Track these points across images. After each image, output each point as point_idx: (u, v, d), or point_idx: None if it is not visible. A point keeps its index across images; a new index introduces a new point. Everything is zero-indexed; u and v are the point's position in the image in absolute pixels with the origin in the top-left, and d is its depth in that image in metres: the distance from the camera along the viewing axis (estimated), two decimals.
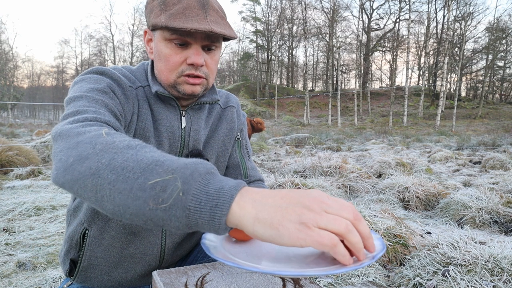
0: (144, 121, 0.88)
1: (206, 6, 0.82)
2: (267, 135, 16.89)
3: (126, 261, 0.93)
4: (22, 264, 2.17)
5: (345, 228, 0.47)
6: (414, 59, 41.30)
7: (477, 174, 5.90)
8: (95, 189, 0.53)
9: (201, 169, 0.51)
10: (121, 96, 0.83)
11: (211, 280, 0.68)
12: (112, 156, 0.55)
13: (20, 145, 6.41)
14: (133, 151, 0.55)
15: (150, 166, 0.52)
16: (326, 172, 5.02)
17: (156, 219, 0.51)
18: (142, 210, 0.50)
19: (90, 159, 0.55)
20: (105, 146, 0.57)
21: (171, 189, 0.49)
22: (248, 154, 1.12)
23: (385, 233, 2.30)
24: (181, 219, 0.49)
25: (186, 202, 0.48)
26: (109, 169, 0.53)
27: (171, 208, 0.49)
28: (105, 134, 0.60)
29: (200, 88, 0.89)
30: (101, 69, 0.86)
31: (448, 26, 30.72)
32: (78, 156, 0.57)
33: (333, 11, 35.71)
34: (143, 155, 0.54)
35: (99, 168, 0.54)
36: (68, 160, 0.57)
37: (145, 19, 0.90)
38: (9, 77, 43.64)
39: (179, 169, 0.51)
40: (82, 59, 56.45)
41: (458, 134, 18.22)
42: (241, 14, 49.17)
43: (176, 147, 0.93)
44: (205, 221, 0.49)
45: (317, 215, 0.47)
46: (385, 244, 0.58)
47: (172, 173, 0.50)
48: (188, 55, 0.84)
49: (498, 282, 1.60)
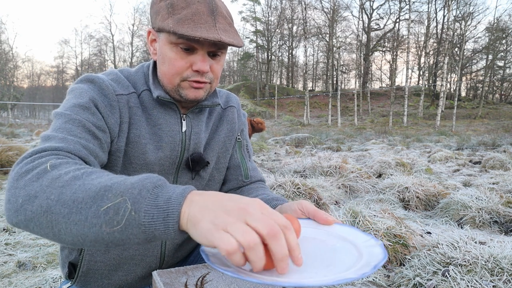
0: (138, 129, 0.87)
1: (215, 12, 0.80)
2: (267, 135, 16.89)
3: (126, 264, 0.92)
4: (22, 264, 2.17)
5: (248, 243, 0.47)
6: (414, 59, 41.33)
7: (477, 174, 5.90)
8: (51, 225, 0.55)
9: (148, 185, 0.54)
10: (105, 108, 0.81)
11: (211, 280, 0.68)
12: (60, 191, 0.56)
13: (20, 145, 6.41)
14: (80, 182, 0.57)
15: (99, 193, 0.54)
16: (326, 172, 5.02)
17: (116, 241, 0.54)
18: (100, 235, 0.53)
19: (39, 197, 0.56)
20: (51, 182, 0.58)
21: (123, 211, 0.52)
22: (248, 155, 1.11)
23: (385, 233, 2.30)
24: (139, 236, 0.53)
25: (140, 219, 0.52)
26: (60, 204, 0.55)
27: (127, 228, 0.52)
28: (50, 167, 0.61)
29: (203, 93, 0.88)
30: (91, 78, 0.84)
31: (448, 26, 30.72)
32: (26, 196, 0.57)
33: (333, 11, 35.71)
34: (90, 183, 0.56)
35: (50, 204, 0.55)
36: (18, 200, 0.58)
37: (150, 19, 0.88)
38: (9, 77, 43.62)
39: (126, 190, 0.53)
40: (82, 59, 56.38)
41: (458, 134, 18.22)
42: (241, 14, 49.08)
43: (177, 151, 0.92)
44: (161, 232, 0.52)
45: (230, 220, 0.49)
46: (386, 253, 0.57)
47: (121, 196, 0.53)
48: (194, 61, 0.82)
49: (498, 282, 1.60)
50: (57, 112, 0.78)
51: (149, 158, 0.88)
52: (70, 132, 0.73)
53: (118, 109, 0.84)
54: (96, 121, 0.79)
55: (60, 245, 0.96)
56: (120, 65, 50.08)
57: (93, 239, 0.54)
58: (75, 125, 0.75)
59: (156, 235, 0.53)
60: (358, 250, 0.62)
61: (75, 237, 0.55)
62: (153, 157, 0.88)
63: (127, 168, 0.87)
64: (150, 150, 0.88)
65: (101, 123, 0.80)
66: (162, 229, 0.52)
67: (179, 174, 0.95)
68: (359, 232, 0.69)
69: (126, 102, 0.86)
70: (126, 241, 0.54)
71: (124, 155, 0.86)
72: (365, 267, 0.52)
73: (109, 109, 0.82)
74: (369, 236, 0.66)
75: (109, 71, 0.90)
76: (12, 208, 0.59)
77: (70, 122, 0.75)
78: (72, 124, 0.75)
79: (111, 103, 0.83)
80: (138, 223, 0.52)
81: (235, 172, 1.07)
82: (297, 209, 0.77)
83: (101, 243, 0.55)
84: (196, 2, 0.79)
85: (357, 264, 0.55)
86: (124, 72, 0.92)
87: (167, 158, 0.91)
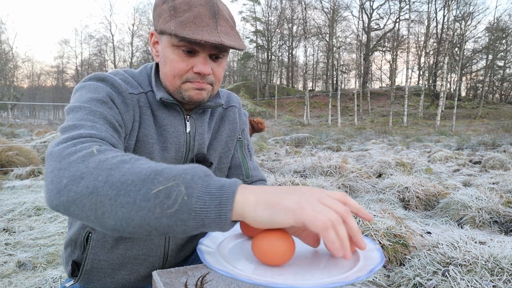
0: (147, 128, 0.87)
1: (217, 15, 0.80)
2: (267, 135, 16.88)
3: (130, 263, 0.93)
4: (22, 264, 2.17)
5: (336, 219, 0.50)
6: (414, 59, 41.31)
7: (477, 174, 5.90)
8: (95, 207, 0.54)
9: (199, 172, 0.54)
10: (121, 104, 0.82)
11: (211, 280, 0.68)
12: (109, 173, 0.55)
13: (20, 145, 6.41)
14: (128, 165, 0.56)
15: (150, 177, 0.53)
16: (326, 172, 5.02)
17: (161, 227, 0.52)
18: (147, 220, 0.52)
19: (85, 179, 0.55)
20: (98, 164, 0.57)
21: (176, 195, 0.51)
22: (250, 154, 1.11)
23: (385, 233, 2.30)
24: (188, 222, 0.51)
25: (192, 205, 0.51)
26: (108, 186, 0.54)
27: (177, 213, 0.51)
28: (96, 151, 0.60)
29: (206, 95, 0.88)
30: (102, 76, 0.84)
31: (448, 26, 30.72)
32: (71, 176, 0.56)
33: (333, 11, 35.70)
34: (139, 167, 0.55)
35: (97, 186, 0.54)
36: (62, 181, 0.56)
37: (153, 21, 0.88)
38: (9, 77, 43.62)
39: (179, 175, 0.53)
40: (82, 59, 56.34)
41: (458, 134, 18.22)
42: (241, 14, 49.12)
43: (182, 152, 0.92)
44: (212, 220, 0.51)
45: (312, 200, 0.52)
46: (384, 257, 0.58)
47: (173, 180, 0.52)
48: (195, 64, 0.83)
49: (498, 282, 1.60)
50: (74, 105, 0.76)
51: (155, 158, 0.88)
52: (95, 122, 0.72)
53: (131, 107, 0.85)
54: (115, 115, 0.79)
55: (64, 243, 0.96)
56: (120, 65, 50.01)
57: (137, 224, 0.53)
58: (97, 117, 0.74)
59: (205, 223, 0.52)
60: (355, 253, 0.61)
61: (119, 221, 0.53)
62: (159, 158, 0.88)
63: None
64: (157, 150, 0.88)
65: (119, 118, 0.80)
66: (213, 217, 0.51)
67: None
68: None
69: (137, 101, 0.87)
70: (172, 228, 0.52)
71: (133, 153, 0.86)
72: (362, 271, 0.52)
73: (124, 106, 0.83)
74: (367, 239, 0.66)
75: (115, 71, 0.90)
76: (54, 189, 0.57)
77: (91, 114, 0.74)
78: (94, 116, 0.74)
79: (125, 101, 0.83)
80: (189, 208, 0.51)
81: (236, 172, 1.07)
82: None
83: (145, 229, 0.53)
84: (198, 5, 0.80)
85: (353, 268, 0.55)
86: (128, 72, 0.92)
87: (172, 159, 0.91)
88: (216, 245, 0.64)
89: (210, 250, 0.61)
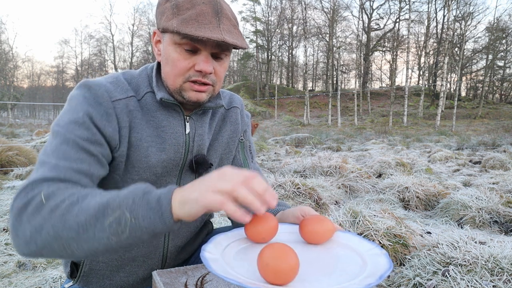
0: (140, 132, 0.86)
1: (220, 13, 0.80)
2: (267, 135, 16.87)
3: (128, 265, 0.92)
4: (22, 264, 2.17)
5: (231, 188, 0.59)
6: (414, 59, 41.29)
7: (477, 174, 5.90)
8: (63, 248, 0.63)
9: (138, 193, 0.63)
10: (101, 119, 0.80)
11: (211, 280, 0.68)
12: (63, 218, 0.63)
13: (20, 145, 6.41)
14: (77, 206, 0.64)
15: (99, 212, 0.62)
16: (326, 172, 5.02)
17: (125, 246, 0.64)
18: (110, 245, 0.63)
19: (45, 228, 0.63)
20: (50, 213, 0.64)
21: (124, 221, 0.61)
22: (251, 156, 1.10)
23: (385, 233, 2.30)
24: (143, 236, 0.62)
25: (139, 224, 0.61)
26: (67, 229, 0.62)
27: (131, 234, 0.62)
28: (44, 199, 0.66)
29: (206, 96, 0.87)
30: (88, 84, 0.83)
31: (448, 26, 30.69)
32: (33, 228, 0.64)
33: (333, 11, 35.69)
34: (87, 205, 0.64)
35: (57, 231, 0.63)
36: (26, 233, 0.65)
37: (156, 20, 0.87)
38: (9, 77, 43.63)
39: (122, 203, 0.62)
40: (82, 59, 56.31)
41: (458, 134, 18.21)
42: (241, 14, 49.08)
43: (181, 153, 0.91)
44: (160, 228, 0.62)
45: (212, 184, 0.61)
46: (392, 263, 0.57)
47: (118, 208, 0.62)
48: (197, 62, 0.82)
49: (498, 282, 1.60)
50: (54, 129, 0.79)
51: (151, 160, 0.87)
52: (64, 156, 0.75)
53: (115, 116, 0.82)
54: (91, 136, 0.78)
55: None
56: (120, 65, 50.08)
57: (104, 250, 0.63)
58: (69, 146, 0.75)
59: (156, 232, 0.62)
60: (362, 258, 0.61)
61: (88, 251, 0.63)
62: (156, 160, 0.87)
63: (129, 172, 0.86)
64: (153, 153, 0.87)
65: (97, 137, 0.79)
66: (161, 226, 0.61)
67: (183, 176, 0.95)
68: (363, 240, 0.68)
69: (125, 106, 0.85)
70: (134, 244, 0.63)
71: (127, 159, 0.85)
72: (370, 277, 0.52)
73: (105, 118, 0.81)
74: (373, 244, 0.65)
75: (110, 75, 0.89)
76: (22, 241, 0.65)
77: (65, 143, 0.76)
78: (66, 145, 0.76)
79: (107, 111, 0.81)
80: (140, 227, 0.61)
81: None
82: (300, 215, 0.80)
83: (112, 250, 0.64)
84: (201, 3, 0.79)
85: (361, 274, 0.55)
86: (126, 74, 0.91)
87: (170, 160, 0.90)
88: (220, 251, 0.64)
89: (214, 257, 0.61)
